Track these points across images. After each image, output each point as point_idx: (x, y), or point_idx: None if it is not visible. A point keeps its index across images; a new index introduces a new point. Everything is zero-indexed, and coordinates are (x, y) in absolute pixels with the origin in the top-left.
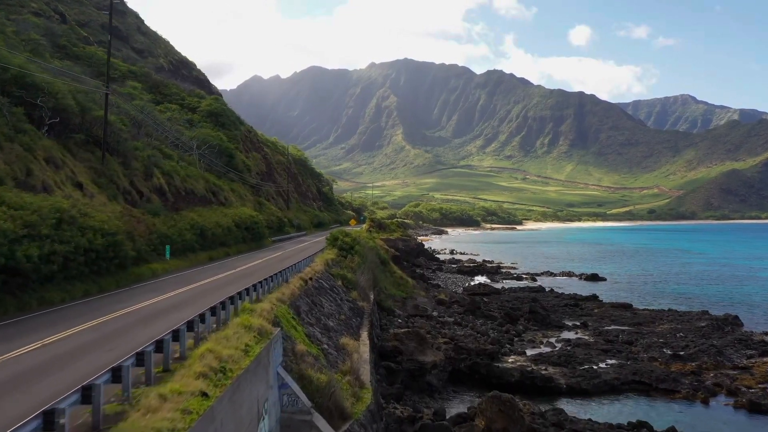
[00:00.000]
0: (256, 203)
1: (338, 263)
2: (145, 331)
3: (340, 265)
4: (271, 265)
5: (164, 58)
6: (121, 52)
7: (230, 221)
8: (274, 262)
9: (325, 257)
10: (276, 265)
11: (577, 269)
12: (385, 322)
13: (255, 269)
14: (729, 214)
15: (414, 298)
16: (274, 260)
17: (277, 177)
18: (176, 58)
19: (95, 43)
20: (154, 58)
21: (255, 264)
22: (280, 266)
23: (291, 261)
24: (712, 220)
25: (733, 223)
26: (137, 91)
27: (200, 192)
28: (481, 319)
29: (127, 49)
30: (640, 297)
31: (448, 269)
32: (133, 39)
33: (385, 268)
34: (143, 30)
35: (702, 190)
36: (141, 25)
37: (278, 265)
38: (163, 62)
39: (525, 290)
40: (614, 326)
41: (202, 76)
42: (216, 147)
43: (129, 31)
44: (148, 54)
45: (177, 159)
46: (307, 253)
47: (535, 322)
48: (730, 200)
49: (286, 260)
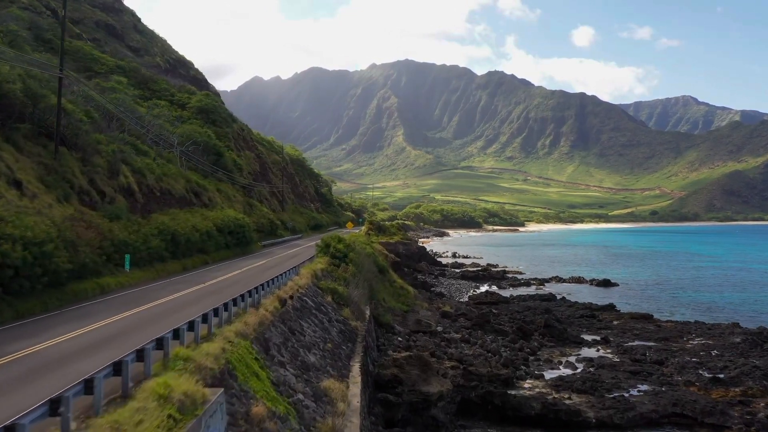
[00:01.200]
0: (246, 205)
1: (329, 274)
2: None
3: (332, 276)
4: (250, 277)
5: (161, 56)
6: (111, 47)
7: (211, 225)
8: (255, 272)
9: (313, 267)
10: (258, 277)
11: (586, 274)
12: (384, 341)
13: (230, 283)
14: (732, 215)
15: (416, 311)
16: (256, 270)
17: (272, 177)
18: (173, 57)
19: (89, 40)
20: (150, 57)
21: (232, 276)
22: (260, 278)
23: (275, 271)
24: (715, 221)
25: (737, 224)
26: (122, 86)
27: (179, 192)
28: (491, 335)
29: (123, 47)
30: (658, 306)
31: (451, 274)
32: (129, 37)
33: (383, 277)
34: (140, 28)
35: (704, 192)
36: (137, 24)
37: (260, 277)
38: (159, 61)
39: (535, 298)
40: (638, 341)
41: (200, 76)
42: (201, 144)
43: (125, 29)
44: (144, 52)
45: (154, 156)
46: (298, 260)
47: (551, 337)
48: (732, 202)
49: (270, 270)
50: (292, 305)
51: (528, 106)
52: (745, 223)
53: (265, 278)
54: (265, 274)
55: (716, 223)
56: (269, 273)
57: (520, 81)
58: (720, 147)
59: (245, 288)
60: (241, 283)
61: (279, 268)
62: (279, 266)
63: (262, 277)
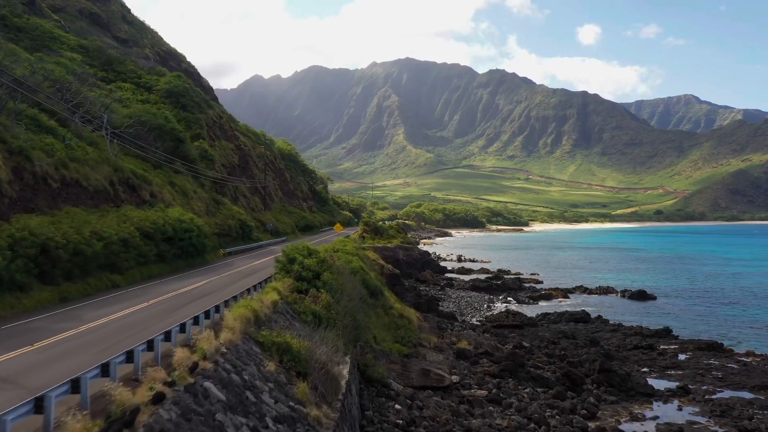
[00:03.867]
0: (212, 202)
1: (286, 310)
2: None
3: (291, 313)
4: (152, 318)
5: (150, 48)
6: (76, 26)
7: (132, 229)
8: (158, 312)
9: (262, 299)
10: (153, 326)
11: (612, 282)
12: (374, 414)
13: (72, 348)
14: (739, 215)
15: (421, 355)
16: (179, 301)
17: (256, 172)
18: (164, 49)
19: (66, 27)
20: (139, 48)
21: (116, 318)
22: (162, 324)
23: (197, 307)
24: (721, 221)
25: (745, 224)
26: (74, 63)
27: (97, 185)
28: (528, 385)
29: (109, 37)
30: (719, 328)
31: (460, 284)
32: (116, 27)
33: (376, 302)
34: (129, 19)
35: (709, 191)
36: (126, 14)
37: (155, 326)
38: (149, 53)
39: (565, 318)
40: (728, 391)
41: (192, 69)
42: (148, 125)
43: (112, 19)
44: (133, 44)
45: (68, 137)
46: (258, 277)
47: (609, 385)
48: (737, 201)
49: (200, 301)
50: (176, 398)
51: (530, 104)
52: (753, 223)
53: (173, 321)
54: (172, 317)
55: (723, 223)
56: (191, 308)
57: (521, 79)
58: (723, 146)
59: (119, 348)
60: (123, 334)
61: (211, 299)
62: (216, 294)
63: (160, 324)
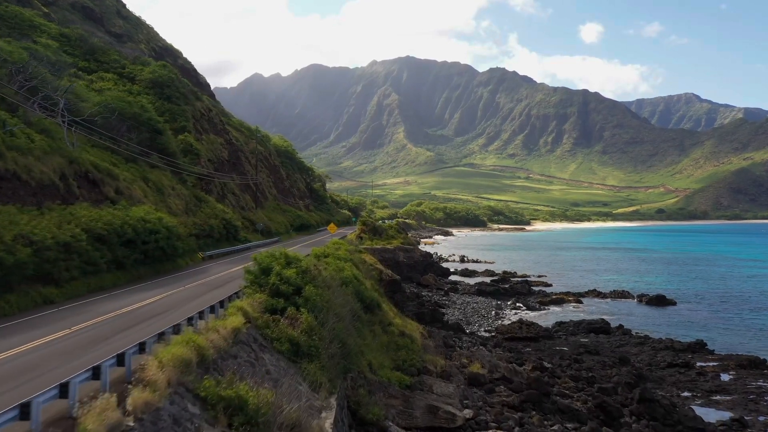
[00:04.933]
0: (193, 200)
1: (259, 333)
2: None
3: (263, 336)
4: (18, 376)
5: (146, 44)
6: (59, 15)
7: (78, 231)
8: (73, 347)
9: (217, 326)
10: (45, 375)
11: (626, 285)
12: None
13: None
14: (741, 213)
15: (427, 385)
16: (84, 340)
17: (248, 168)
18: (159, 45)
19: (51, 17)
20: (133, 44)
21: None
22: (39, 383)
23: (133, 336)
24: (724, 220)
25: (748, 223)
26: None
27: (42, 178)
28: (555, 419)
29: (102, 32)
30: (754, 340)
31: (465, 288)
32: (110, 22)
33: (372, 318)
34: (123, 14)
35: (711, 189)
36: (121, 9)
37: (47, 376)
38: (144, 48)
39: (583, 327)
40: None
41: (189, 65)
42: (117, 113)
43: (106, 13)
44: (128, 39)
45: (9, 122)
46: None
47: (651, 418)
48: (739, 200)
49: (126, 333)
50: None
51: (530, 103)
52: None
53: (85, 363)
54: (95, 351)
55: (726, 222)
56: (123, 339)
57: (522, 78)
58: (725, 144)
59: None
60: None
61: (165, 319)
62: (174, 311)
63: (78, 361)
